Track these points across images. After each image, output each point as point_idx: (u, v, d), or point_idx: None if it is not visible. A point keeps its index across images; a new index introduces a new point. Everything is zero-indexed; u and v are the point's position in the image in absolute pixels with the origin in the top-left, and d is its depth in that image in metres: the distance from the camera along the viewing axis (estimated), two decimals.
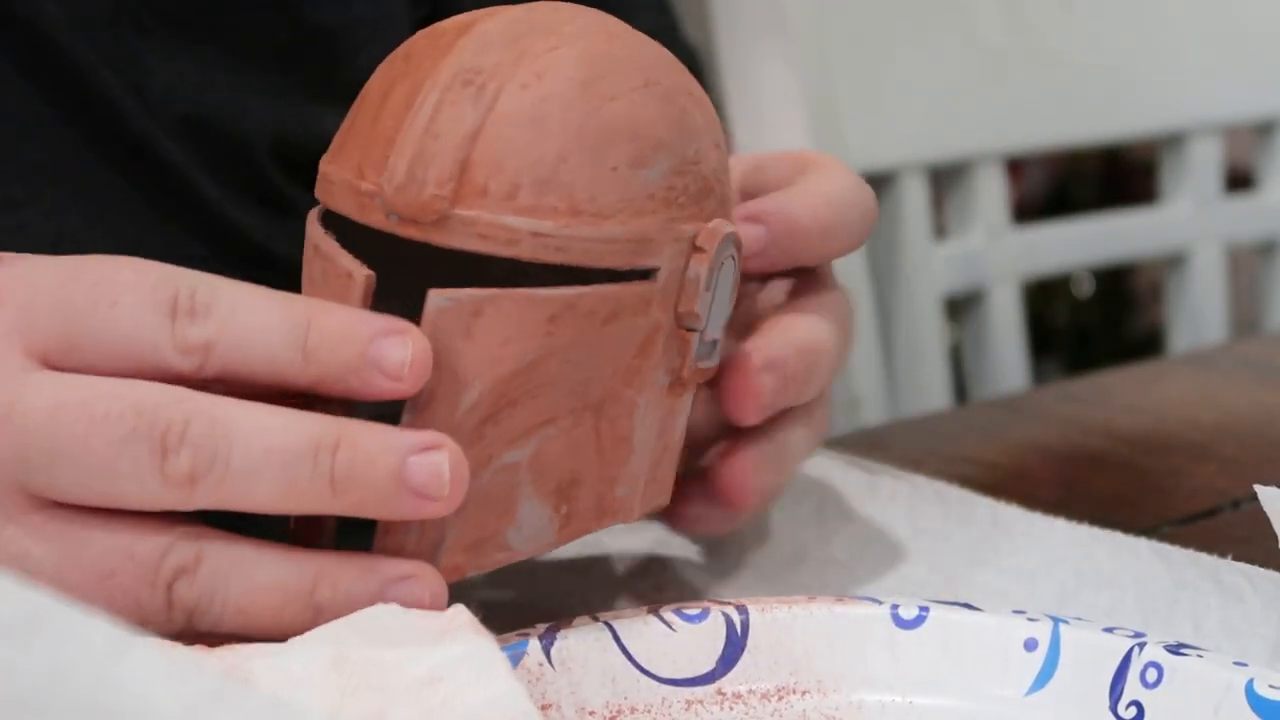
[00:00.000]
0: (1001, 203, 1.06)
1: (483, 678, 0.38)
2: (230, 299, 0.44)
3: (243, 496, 0.42)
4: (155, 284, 0.43)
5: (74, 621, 0.29)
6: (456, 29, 0.46)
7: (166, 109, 0.63)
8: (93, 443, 0.42)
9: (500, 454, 0.45)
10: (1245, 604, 0.50)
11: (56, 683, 0.28)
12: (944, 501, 0.58)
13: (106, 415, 0.42)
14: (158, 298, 0.43)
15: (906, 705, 0.45)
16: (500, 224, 0.44)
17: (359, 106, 0.47)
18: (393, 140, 0.45)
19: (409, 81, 0.45)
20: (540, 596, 0.52)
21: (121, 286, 0.43)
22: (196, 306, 0.43)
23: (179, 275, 0.44)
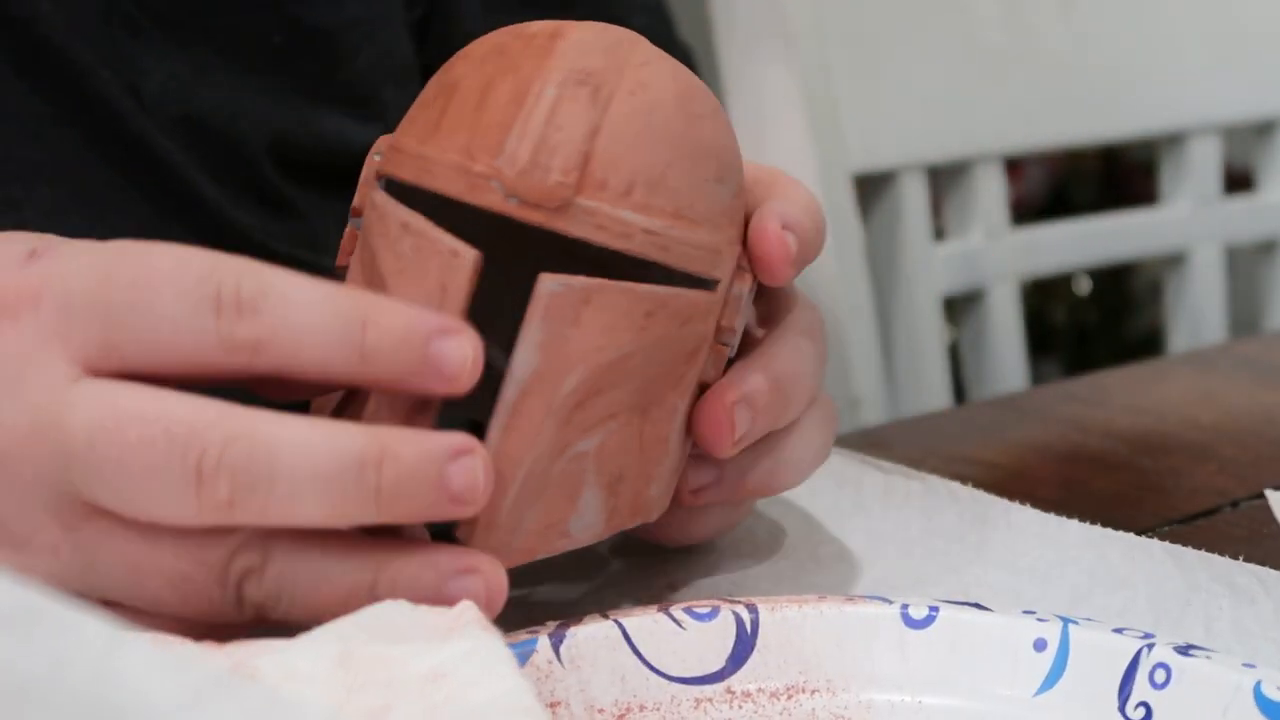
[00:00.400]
0: (1001, 203, 1.06)
1: (488, 674, 0.38)
2: (280, 294, 0.42)
3: (287, 516, 0.42)
4: (199, 279, 0.42)
5: (70, 616, 0.29)
6: (547, 33, 0.48)
7: (162, 109, 0.63)
8: (130, 468, 0.41)
9: (575, 442, 0.46)
10: (1257, 606, 0.50)
11: (55, 675, 0.28)
12: (957, 501, 0.58)
13: (140, 440, 0.41)
14: (201, 293, 0.41)
15: (916, 705, 0.45)
16: (618, 217, 0.46)
17: (451, 94, 0.47)
18: (508, 128, 0.46)
19: (514, 76, 0.46)
20: (550, 594, 0.52)
21: (161, 282, 0.41)
22: (243, 302, 0.42)
23: (223, 267, 0.42)
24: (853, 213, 0.99)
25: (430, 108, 0.47)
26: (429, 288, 0.45)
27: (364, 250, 0.48)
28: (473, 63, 0.48)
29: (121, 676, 0.29)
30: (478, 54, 0.48)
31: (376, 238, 0.47)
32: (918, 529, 0.57)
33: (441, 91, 0.47)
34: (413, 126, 0.47)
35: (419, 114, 0.48)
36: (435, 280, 0.45)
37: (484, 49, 0.48)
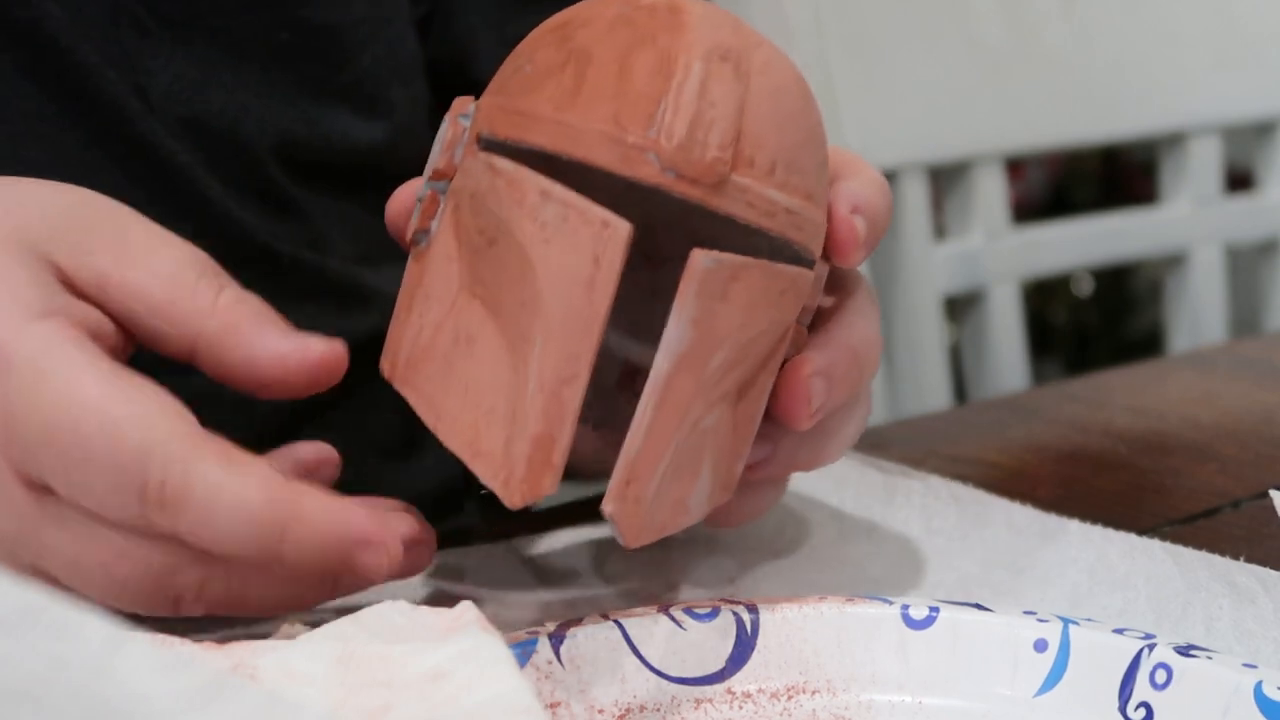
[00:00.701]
0: (1001, 203, 1.06)
1: (488, 674, 0.38)
2: (202, 499, 0.43)
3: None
4: (126, 466, 0.43)
5: (70, 615, 0.29)
6: (667, 7, 0.47)
7: (169, 110, 0.63)
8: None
9: (704, 417, 0.46)
10: (1257, 606, 0.50)
11: (53, 674, 0.28)
12: (958, 502, 0.58)
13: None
14: (129, 482, 0.43)
15: (916, 705, 0.45)
16: (766, 195, 0.46)
17: (585, 61, 0.46)
18: (657, 100, 0.45)
19: (653, 48, 0.46)
20: (550, 594, 0.52)
21: (95, 454, 0.43)
22: (166, 500, 0.43)
23: (154, 457, 0.43)
24: None
25: (560, 74, 0.46)
26: (582, 258, 0.44)
27: (472, 215, 0.46)
28: (598, 31, 0.46)
29: (121, 676, 0.29)
30: (599, 23, 0.46)
31: (504, 204, 0.45)
32: (918, 529, 0.57)
33: (571, 58, 0.46)
34: (538, 92, 0.46)
35: (544, 80, 0.46)
36: (588, 251, 0.44)
37: (605, 18, 0.47)
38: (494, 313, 0.46)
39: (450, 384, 0.46)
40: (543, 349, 0.44)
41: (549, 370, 0.44)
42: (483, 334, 0.46)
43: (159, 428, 0.43)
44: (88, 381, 0.44)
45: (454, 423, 0.46)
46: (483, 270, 0.46)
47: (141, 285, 0.48)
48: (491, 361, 0.45)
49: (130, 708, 0.29)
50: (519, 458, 0.44)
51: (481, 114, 0.47)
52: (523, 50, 0.48)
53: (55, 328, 0.45)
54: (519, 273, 0.45)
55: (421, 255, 0.48)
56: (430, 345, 0.47)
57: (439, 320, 0.47)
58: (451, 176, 0.47)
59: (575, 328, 0.44)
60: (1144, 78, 1.11)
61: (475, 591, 0.52)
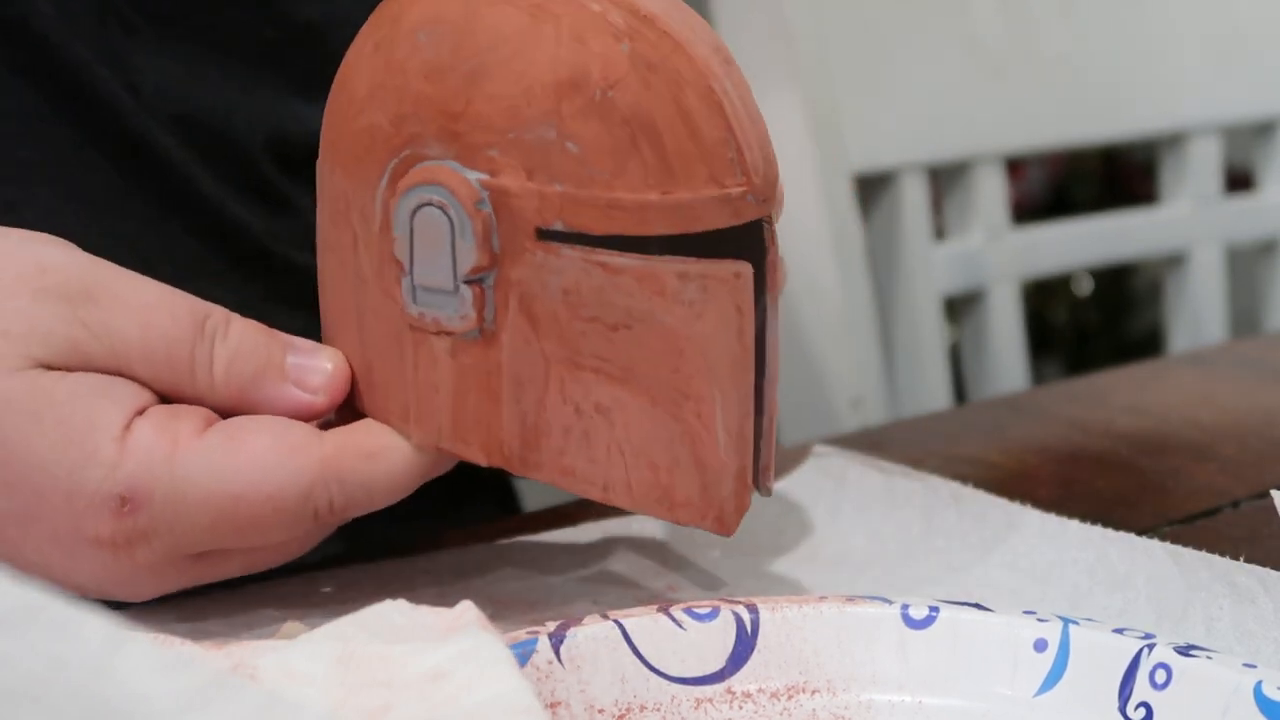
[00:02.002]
0: (1001, 203, 1.06)
1: (488, 674, 0.38)
2: (365, 488, 0.48)
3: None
4: (298, 512, 0.48)
5: (69, 614, 0.29)
6: (644, 22, 0.46)
7: (159, 107, 0.63)
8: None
9: None
10: (1258, 606, 0.50)
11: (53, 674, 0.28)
12: (958, 501, 0.58)
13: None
14: (302, 517, 0.48)
15: (916, 705, 0.45)
16: (783, 191, 0.48)
17: (649, 131, 0.45)
18: (726, 140, 0.45)
19: (690, 85, 0.45)
20: (550, 594, 0.52)
21: (268, 524, 0.48)
22: (335, 512, 0.48)
23: (316, 492, 0.48)
24: (853, 213, 0.99)
25: (635, 151, 0.45)
26: (728, 314, 0.46)
27: (568, 307, 0.46)
28: (632, 90, 0.45)
29: (121, 676, 0.29)
30: (632, 80, 0.45)
31: (636, 297, 0.46)
32: (918, 529, 0.57)
33: (638, 130, 0.45)
34: (622, 176, 0.45)
35: (616, 160, 0.45)
36: (731, 305, 0.46)
37: (617, 61, 0.45)
38: (624, 382, 0.47)
39: (596, 452, 0.47)
40: (723, 403, 0.47)
41: (733, 417, 0.47)
42: (617, 403, 0.47)
43: (304, 466, 0.47)
44: (227, 473, 0.47)
45: (630, 487, 0.48)
46: (602, 349, 0.47)
47: (143, 376, 0.48)
48: (646, 423, 0.47)
49: (130, 708, 0.29)
50: (727, 495, 0.47)
51: (525, 202, 0.46)
52: (527, 120, 0.45)
53: (161, 421, 0.47)
54: (668, 347, 0.46)
55: (473, 345, 0.47)
56: (544, 424, 0.47)
57: (539, 399, 0.47)
58: (494, 267, 0.46)
59: (739, 373, 0.47)
60: (1144, 78, 1.11)
61: (475, 591, 0.52)
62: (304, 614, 0.49)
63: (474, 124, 0.46)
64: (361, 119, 0.47)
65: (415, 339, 0.48)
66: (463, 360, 0.47)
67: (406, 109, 0.46)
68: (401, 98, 0.46)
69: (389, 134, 0.47)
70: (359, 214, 0.48)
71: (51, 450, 0.46)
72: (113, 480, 0.46)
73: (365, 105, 0.47)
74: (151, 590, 0.49)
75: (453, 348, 0.47)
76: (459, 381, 0.47)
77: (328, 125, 0.49)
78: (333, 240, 0.49)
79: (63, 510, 0.46)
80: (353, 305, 0.49)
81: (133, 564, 0.47)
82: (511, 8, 0.46)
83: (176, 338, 0.48)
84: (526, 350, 0.47)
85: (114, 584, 0.48)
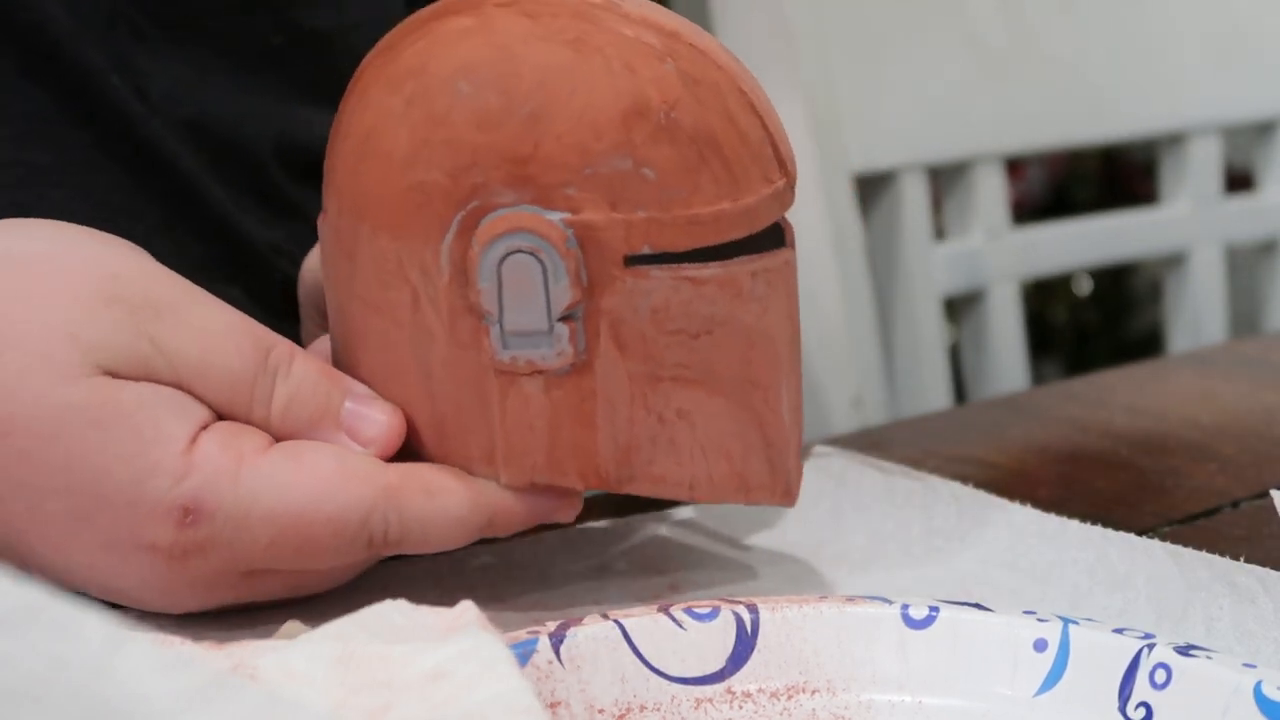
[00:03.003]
0: (1001, 203, 1.06)
1: (488, 674, 0.38)
2: (421, 525, 0.49)
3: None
4: (354, 536, 0.48)
5: (70, 614, 0.29)
6: (672, 37, 0.47)
7: (169, 112, 0.63)
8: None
9: None
10: (1257, 606, 0.50)
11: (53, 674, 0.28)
12: (958, 502, 0.58)
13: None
14: (357, 544, 0.48)
15: (916, 705, 0.45)
16: None
17: (715, 145, 0.47)
18: (765, 139, 0.48)
19: (733, 96, 0.48)
20: (551, 594, 0.52)
21: (327, 548, 0.48)
22: (390, 542, 0.49)
23: (373, 517, 0.48)
24: (853, 213, 0.99)
25: (705, 167, 0.47)
26: (783, 300, 0.49)
27: (656, 324, 0.48)
28: (690, 107, 0.47)
29: (121, 676, 0.29)
30: (687, 98, 0.47)
31: (718, 302, 0.48)
32: (918, 529, 0.57)
33: (696, 146, 0.47)
34: (697, 193, 0.47)
35: (689, 179, 0.47)
36: (784, 291, 0.49)
37: (669, 80, 0.47)
38: (701, 383, 0.49)
39: (682, 455, 0.50)
40: (787, 384, 0.50)
41: (793, 395, 0.50)
42: (696, 405, 0.49)
43: (366, 493, 0.48)
44: (290, 491, 0.47)
45: (711, 481, 0.50)
46: (683, 358, 0.48)
47: (203, 398, 0.49)
48: (721, 419, 0.49)
49: (130, 708, 0.29)
50: (792, 470, 0.51)
51: (612, 233, 0.47)
52: (601, 154, 0.47)
53: (226, 438, 0.48)
54: (742, 342, 0.49)
55: (565, 379, 0.48)
56: (634, 439, 0.49)
57: (629, 416, 0.49)
58: (583, 300, 0.48)
59: (795, 353, 0.50)
60: (1144, 78, 1.11)
61: (475, 591, 0.52)
62: (304, 614, 0.49)
63: (546, 165, 0.46)
64: (408, 177, 0.47)
65: (502, 382, 0.48)
66: (555, 394, 0.48)
67: (464, 160, 0.47)
68: (456, 150, 0.47)
69: (447, 188, 0.47)
70: (418, 271, 0.48)
71: (116, 457, 0.46)
72: (177, 491, 0.46)
73: (410, 163, 0.47)
74: (193, 603, 0.49)
75: (546, 384, 0.48)
76: (554, 415, 0.49)
77: (358, 188, 0.49)
78: (382, 302, 0.49)
79: (123, 516, 0.46)
80: (414, 362, 0.49)
81: (184, 576, 0.48)
82: (549, 44, 0.46)
83: (239, 369, 0.48)
84: (615, 373, 0.48)
85: (158, 593, 0.48)
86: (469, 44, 0.47)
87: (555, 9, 0.47)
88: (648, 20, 0.47)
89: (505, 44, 0.47)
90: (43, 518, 0.47)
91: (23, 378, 0.46)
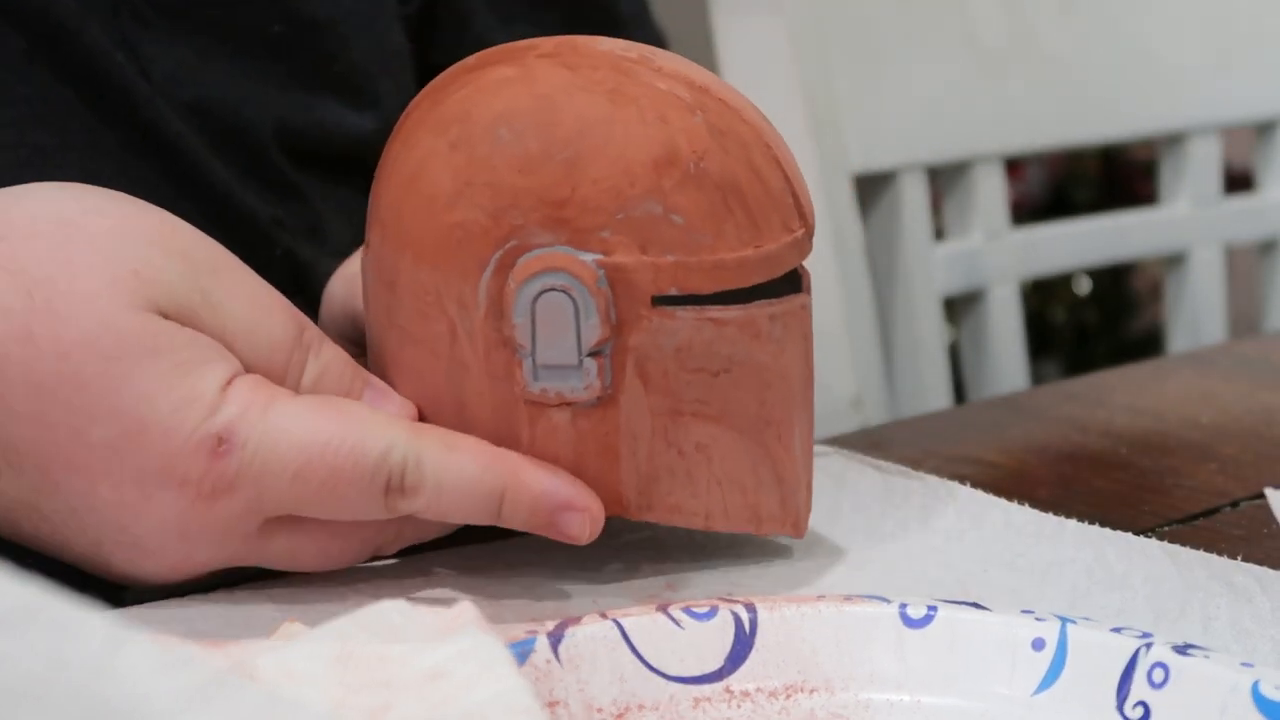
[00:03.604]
0: (1001, 203, 1.06)
1: (487, 673, 0.38)
2: (435, 482, 0.50)
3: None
4: (373, 472, 0.49)
5: (70, 614, 0.29)
6: (717, 86, 0.51)
7: (170, 94, 0.64)
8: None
9: None
10: (1255, 605, 0.50)
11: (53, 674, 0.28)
12: (956, 501, 0.58)
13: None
14: (376, 485, 0.49)
15: (914, 704, 0.45)
16: None
17: (738, 192, 0.50)
18: (786, 190, 0.51)
19: (757, 148, 0.50)
20: (549, 593, 0.52)
21: (346, 483, 0.49)
22: (407, 488, 0.49)
23: (393, 453, 0.49)
24: (853, 213, 0.99)
25: (729, 214, 0.50)
26: (800, 341, 0.52)
27: (678, 362, 0.51)
28: (717, 157, 0.50)
29: (121, 676, 0.29)
30: (714, 148, 0.50)
31: (737, 343, 0.51)
32: (917, 529, 0.57)
33: (721, 193, 0.50)
34: (721, 238, 0.50)
35: (713, 225, 0.50)
36: (800, 334, 0.52)
37: (703, 138, 0.50)
38: (718, 420, 0.51)
39: (699, 488, 0.52)
40: (800, 423, 0.53)
41: (804, 434, 0.53)
42: (713, 439, 0.52)
43: (389, 430, 0.49)
44: (318, 422, 0.49)
45: (726, 513, 0.52)
46: (702, 394, 0.51)
47: (243, 358, 0.51)
48: (736, 453, 0.52)
49: (130, 708, 0.29)
50: (802, 505, 0.53)
51: (641, 275, 0.50)
52: (632, 199, 0.49)
53: (259, 381, 0.50)
54: (759, 381, 0.51)
55: (592, 411, 0.51)
56: (654, 470, 0.52)
57: (650, 449, 0.51)
58: (612, 337, 0.50)
59: (807, 394, 0.53)
60: (1144, 78, 1.11)
61: (474, 591, 0.52)
62: (304, 614, 0.49)
63: (581, 209, 0.49)
64: (450, 215, 0.50)
65: (532, 413, 0.51)
66: (582, 425, 0.51)
67: (504, 202, 0.49)
68: (497, 193, 0.49)
69: (487, 227, 0.49)
70: (456, 305, 0.50)
71: (160, 384, 0.48)
72: (211, 422, 0.48)
73: (453, 202, 0.50)
74: (204, 554, 0.50)
75: (573, 416, 0.51)
76: (579, 445, 0.51)
77: (401, 223, 0.51)
78: (422, 333, 0.51)
79: (157, 444, 0.48)
80: (449, 392, 0.51)
81: (207, 517, 0.49)
82: (588, 95, 0.49)
83: (280, 339, 0.51)
84: (638, 408, 0.51)
85: (175, 538, 0.49)
86: (510, 92, 0.49)
87: (594, 62, 0.50)
88: (680, 75, 0.50)
89: (546, 93, 0.49)
90: (83, 444, 0.48)
91: (88, 303, 0.48)
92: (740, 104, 0.51)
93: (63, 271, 0.48)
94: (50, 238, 0.48)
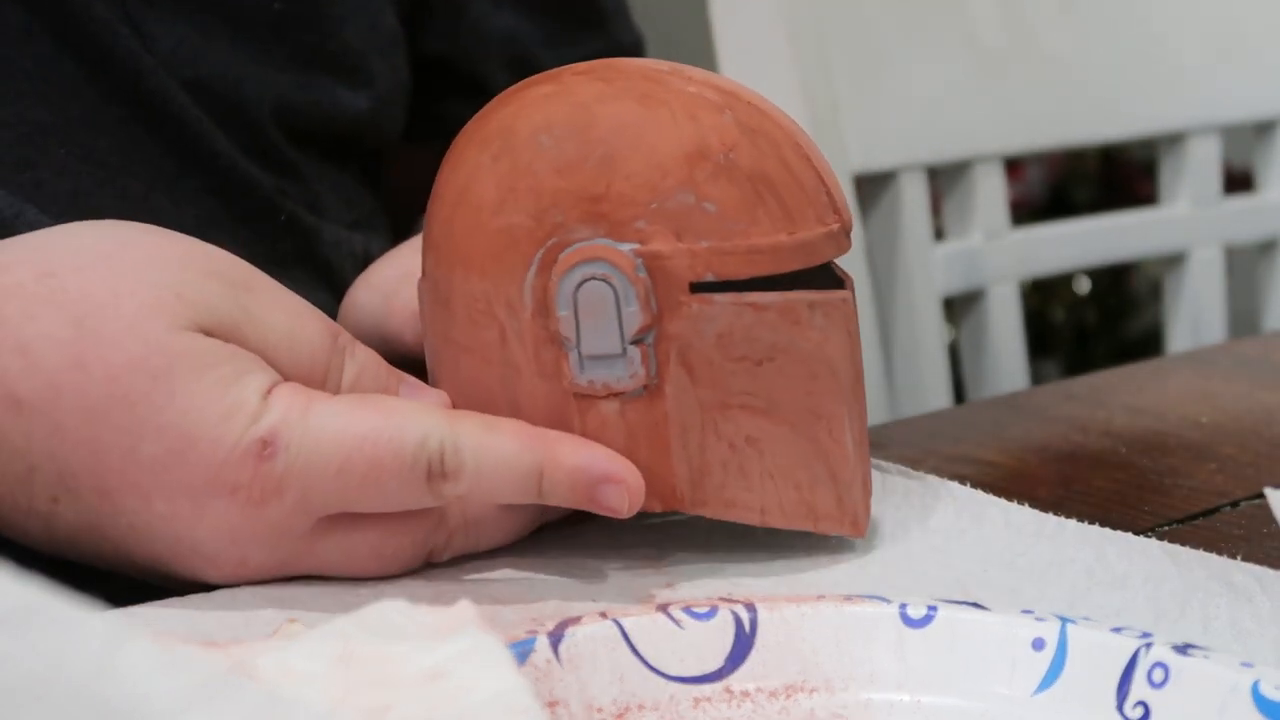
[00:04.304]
0: (1001, 203, 1.06)
1: (487, 673, 0.38)
2: (474, 464, 0.51)
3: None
4: (414, 461, 0.50)
5: (70, 614, 0.29)
6: (746, 92, 0.52)
7: (173, 69, 0.64)
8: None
9: None
10: (1255, 605, 0.50)
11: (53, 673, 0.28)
12: (956, 500, 0.58)
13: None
14: (418, 473, 0.50)
15: (914, 704, 0.45)
16: None
17: (769, 183, 0.51)
18: (819, 184, 0.52)
19: (786, 145, 0.52)
20: (549, 593, 0.52)
21: (388, 475, 0.50)
22: (448, 473, 0.50)
23: (431, 440, 0.50)
24: (853, 213, 0.99)
25: (762, 203, 0.51)
26: (845, 335, 0.52)
27: (721, 349, 0.52)
28: (747, 151, 0.51)
29: (121, 676, 0.29)
30: (744, 143, 0.51)
31: (778, 330, 0.52)
32: (917, 528, 0.57)
33: (753, 184, 0.51)
34: (756, 225, 0.51)
35: (748, 214, 0.51)
36: (844, 328, 0.52)
37: (729, 129, 0.51)
38: (767, 412, 0.52)
39: (752, 481, 0.53)
40: (850, 417, 0.53)
41: (857, 429, 0.53)
42: (763, 432, 0.52)
43: (423, 419, 0.51)
44: (356, 417, 0.50)
45: (781, 508, 0.53)
46: (748, 385, 0.52)
47: (284, 369, 0.52)
48: (787, 447, 0.53)
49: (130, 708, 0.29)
50: (858, 502, 0.54)
51: (678, 261, 0.51)
52: (666, 191, 0.51)
53: (298, 388, 0.51)
54: (804, 372, 0.52)
55: (639, 401, 0.52)
56: (706, 464, 0.53)
57: (701, 442, 0.52)
58: (654, 325, 0.52)
59: (857, 389, 0.54)
60: (1144, 78, 1.11)
61: (474, 591, 0.52)
62: (304, 614, 0.49)
63: (618, 202, 0.51)
64: (497, 221, 0.52)
65: (582, 407, 0.53)
66: (631, 417, 0.52)
67: (545, 203, 0.51)
68: (539, 195, 0.52)
69: (531, 228, 0.52)
70: (504, 307, 0.52)
71: (205, 398, 0.49)
72: (255, 428, 0.49)
73: (499, 209, 0.52)
74: (258, 558, 0.51)
75: (621, 407, 0.52)
76: (630, 438, 0.53)
77: (452, 238, 0.53)
78: (473, 341, 0.53)
79: (206, 455, 0.49)
80: (503, 396, 0.53)
81: (258, 522, 0.50)
82: (621, 100, 0.52)
83: (318, 344, 0.53)
84: (685, 398, 0.52)
85: (229, 543, 0.50)
86: (550, 105, 0.52)
87: (627, 74, 0.52)
88: (708, 82, 0.52)
89: (582, 102, 0.52)
90: (135, 463, 0.49)
91: (134, 327, 0.49)
92: (769, 108, 0.52)
93: (109, 299, 0.50)
94: (95, 269, 0.50)
